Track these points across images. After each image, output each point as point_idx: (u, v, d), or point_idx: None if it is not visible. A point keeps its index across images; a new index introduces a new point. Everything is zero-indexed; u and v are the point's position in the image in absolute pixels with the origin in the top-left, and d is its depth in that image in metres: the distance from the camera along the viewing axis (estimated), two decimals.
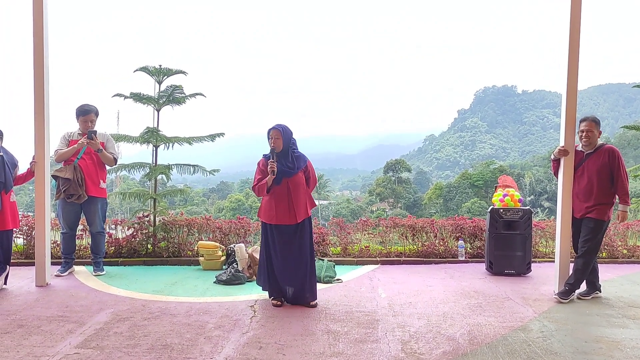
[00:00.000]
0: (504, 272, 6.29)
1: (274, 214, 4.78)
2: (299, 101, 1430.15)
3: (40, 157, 5.47)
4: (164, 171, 7.23)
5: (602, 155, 5.04)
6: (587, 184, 5.07)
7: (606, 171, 5.00)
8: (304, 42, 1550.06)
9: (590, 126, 5.08)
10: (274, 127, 4.80)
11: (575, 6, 5.12)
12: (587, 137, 5.08)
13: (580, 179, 5.13)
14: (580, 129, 5.14)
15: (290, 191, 4.76)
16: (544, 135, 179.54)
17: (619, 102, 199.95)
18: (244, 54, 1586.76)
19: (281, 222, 4.77)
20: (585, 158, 5.13)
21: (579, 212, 5.15)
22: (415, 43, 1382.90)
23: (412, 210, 62.20)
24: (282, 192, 4.76)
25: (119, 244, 7.11)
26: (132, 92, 7.17)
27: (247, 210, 59.47)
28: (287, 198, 4.75)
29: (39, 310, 4.57)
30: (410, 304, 4.90)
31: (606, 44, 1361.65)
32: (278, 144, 4.75)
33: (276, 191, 4.77)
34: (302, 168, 4.82)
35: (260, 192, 4.81)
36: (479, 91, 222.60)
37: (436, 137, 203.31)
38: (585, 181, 5.09)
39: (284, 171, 4.73)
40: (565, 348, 3.70)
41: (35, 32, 5.35)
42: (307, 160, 4.89)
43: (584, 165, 5.12)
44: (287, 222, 4.77)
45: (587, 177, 5.07)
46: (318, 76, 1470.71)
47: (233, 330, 4.05)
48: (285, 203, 4.76)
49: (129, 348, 3.63)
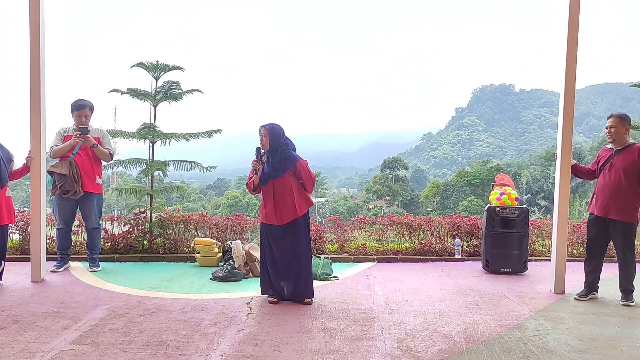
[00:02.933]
0: (501, 271, 6.30)
1: (264, 213, 4.82)
2: (297, 100, 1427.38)
3: (36, 152, 5.44)
4: (160, 167, 7.21)
5: (632, 153, 4.91)
6: (614, 181, 4.94)
7: (635, 170, 4.87)
8: (303, 43, 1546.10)
9: (615, 122, 4.99)
10: (263, 125, 4.77)
11: (573, 6, 5.12)
12: (612, 133, 5.00)
13: (607, 176, 5.01)
14: (606, 125, 5.07)
15: (275, 192, 4.74)
16: (541, 134, 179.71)
17: (616, 102, 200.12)
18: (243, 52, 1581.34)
19: (270, 222, 4.80)
20: (614, 155, 5.02)
21: (602, 210, 5.02)
22: (413, 42, 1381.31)
23: (409, 208, 62.22)
24: (269, 192, 4.78)
25: (115, 240, 7.09)
26: (129, 88, 7.15)
27: (244, 207, 59.41)
28: (272, 199, 4.75)
29: (34, 306, 4.56)
30: (406, 302, 4.90)
31: (604, 43, 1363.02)
32: (265, 142, 4.73)
33: (264, 191, 4.81)
34: (289, 169, 4.72)
35: (248, 189, 4.94)
36: (477, 89, 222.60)
37: (433, 135, 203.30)
38: (612, 178, 4.96)
39: (268, 172, 4.72)
40: (560, 346, 3.71)
41: (32, 28, 5.32)
42: (297, 161, 4.74)
43: (612, 162, 5.00)
44: (274, 222, 4.78)
45: (614, 174, 4.95)
46: (317, 76, 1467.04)
47: (229, 327, 4.04)
48: (271, 204, 4.76)
49: (125, 344, 3.62)
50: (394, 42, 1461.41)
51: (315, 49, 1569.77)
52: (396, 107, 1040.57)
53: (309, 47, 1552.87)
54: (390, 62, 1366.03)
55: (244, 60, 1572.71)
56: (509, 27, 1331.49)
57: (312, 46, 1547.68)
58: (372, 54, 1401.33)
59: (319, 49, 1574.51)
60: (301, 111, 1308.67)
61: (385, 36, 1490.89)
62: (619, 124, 4.99)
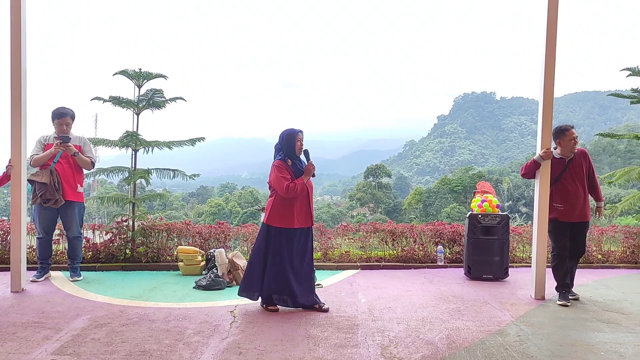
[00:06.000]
0: (482, 277, 6.36)
1: (293, 217, 4.71)
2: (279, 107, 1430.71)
3: (17, 160, 5.37)
4: (143, 175, 7.16)
5: (580, 158, 5.34)
6: (577, 188, 5.27)
7: (586, 172, 5.32)
8: (286, 49, 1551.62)
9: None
10: (300, 130, 4.82)
11: (551, 14, 5.23)
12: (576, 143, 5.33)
13: (570, 184, 5.28)
14: (573, 137, 5.27)
15: (309, 193, 4.79)
16: (522, 142, 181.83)
17: (594, 110, 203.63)
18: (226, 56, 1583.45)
19: (300, 225, 4.76)
20: (568, 164, 5.31)
21: (572, 217, 5.29)
22: (396, 50, 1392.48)
23: (392, 215, 62.45)
24: (304, 194, 4.75)
25: (97, 249, 7.02)
26: (111, 96, 7.10)
27: (227, 215, 59.10)
28: (307, 200, 4.78)
29: (14, 316, 4.49)
30: (389, 309, 4.93)
31: (582, 52, 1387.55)
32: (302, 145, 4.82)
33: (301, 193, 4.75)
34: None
35: (291, 193, 4.62)
36: (459, 97, 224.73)
37: (416, 143, 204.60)
38: (576, 185, 5.28)
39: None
40: (541, 352, 3.76)
41: (13, 35, 5.27)
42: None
43: (569, 170, 5.30)
44: (305, 224, 4.79)
45: (576, 180, 5.28)
46: (300, 83, 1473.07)
47: (212, 336, 4.03)
48: (306, 205, 4.77)
49: (107, 354, 3.59)
50: (374, 50, 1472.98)
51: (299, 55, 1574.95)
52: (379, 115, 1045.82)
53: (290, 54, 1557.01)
54: (371, 70, 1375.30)
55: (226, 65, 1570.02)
56: (489, 35, 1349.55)
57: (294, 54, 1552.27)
58: (351, 60, 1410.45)
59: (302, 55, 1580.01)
60: (284, 118, 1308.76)
61: (364, 45, 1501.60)
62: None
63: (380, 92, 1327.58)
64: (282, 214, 4.72)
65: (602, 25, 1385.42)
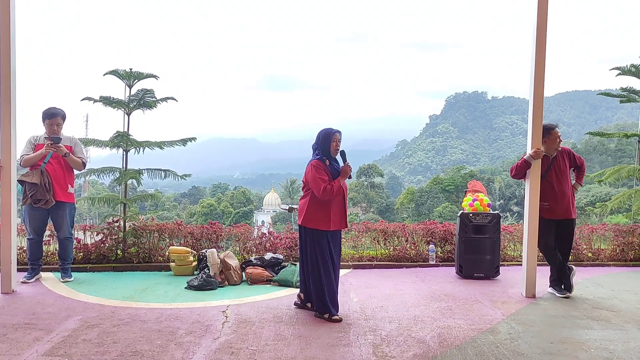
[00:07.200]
0: (474, 276, 6.39)
1: (329, 219, 4.57)
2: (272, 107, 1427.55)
3: (7, 161, 5.34)
4: (134, 176, 7.14)
5: (564, 155, 5.50)
6: (563, 185, 5.42)
7: (570, 169, 5.54)
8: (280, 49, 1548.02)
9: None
10: (337, 130, 4.66)
11: (541, 14, 5.26)
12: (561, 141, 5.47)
13: (555, 182, 5.41)
14: (558, 135, 5.43)
15: (344, 195, 4.69)
16: (513, 141, 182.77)
17: (585, 109, 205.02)
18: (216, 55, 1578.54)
19: (338, 227, 4.67)
20: (552, 162, 5.44)
21: (557, 214, 5.43)
22: (388, 50, 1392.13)
23: (385, 214, 62.57)
24: (340, 196, 4.63)
25: (88, 250, 6.98)
26: (102, 96, 7.06)
27: (219, 216, 58.93)
28: (343, 202, 4.68)
29: (5, 317, 4.47)
30: (381, 308, 4.94)
31: (572, 51, 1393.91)
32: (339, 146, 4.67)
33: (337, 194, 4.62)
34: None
35: (328, 195, 4.47)
36: (450, 97, 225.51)
37: (408, 142, 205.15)
38: (561, 182, 5.42)
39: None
40: (532, 349, 3.79)
41: (2, 34, 5.23)
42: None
43: (554, 168, 5.43)
44: (341, 227, 4.71)
45: (561, 178, 5.42)
46: (291, 83, 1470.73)
47: (204, 336, 4.03)
48: (342, 207, 4.67)
49: (98, 355, 3.58)
50: (365, 50, 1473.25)
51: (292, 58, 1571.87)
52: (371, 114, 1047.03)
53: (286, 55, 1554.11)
54: (363, 69, 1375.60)
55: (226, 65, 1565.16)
56: (481, 35, 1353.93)
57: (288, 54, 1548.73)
58: (343, 60, 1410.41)
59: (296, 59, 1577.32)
60: (276, 118, 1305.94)
61: (356, 45, 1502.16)
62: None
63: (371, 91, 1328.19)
64: (319, 216, 4.56)
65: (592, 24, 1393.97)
